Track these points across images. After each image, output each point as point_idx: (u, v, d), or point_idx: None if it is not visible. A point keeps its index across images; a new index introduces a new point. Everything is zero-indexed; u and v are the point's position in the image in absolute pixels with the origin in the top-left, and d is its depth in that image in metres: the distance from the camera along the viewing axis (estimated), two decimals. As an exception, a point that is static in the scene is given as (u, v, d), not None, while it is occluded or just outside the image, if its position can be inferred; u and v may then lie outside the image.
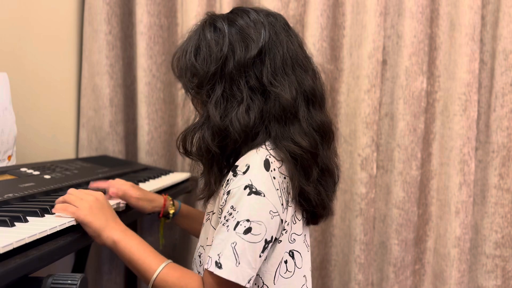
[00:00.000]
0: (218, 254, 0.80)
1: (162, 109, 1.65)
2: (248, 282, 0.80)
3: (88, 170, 1.29)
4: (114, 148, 1.65)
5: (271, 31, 0.89)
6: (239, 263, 0.79)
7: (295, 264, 0.90)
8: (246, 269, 0.79)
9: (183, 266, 0.89)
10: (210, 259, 0.81)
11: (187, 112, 1.59)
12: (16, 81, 1.27)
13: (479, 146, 1.60)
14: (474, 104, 1.53)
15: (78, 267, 1.45)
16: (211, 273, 0.80)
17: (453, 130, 1.54)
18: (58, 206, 0.85)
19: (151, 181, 1.32)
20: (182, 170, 1.66)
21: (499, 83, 1.55)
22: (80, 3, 1.64)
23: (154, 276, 0.84)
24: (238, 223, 0.80)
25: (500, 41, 1.53)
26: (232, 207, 0.81)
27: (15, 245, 0.66)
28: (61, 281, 0.70)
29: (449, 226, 1.56)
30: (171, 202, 1.17)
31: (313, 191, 0.87)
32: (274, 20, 0.91)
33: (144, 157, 1.63)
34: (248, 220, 0.80)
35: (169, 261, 0.87)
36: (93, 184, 1.07)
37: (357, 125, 1.56)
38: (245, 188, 0.81)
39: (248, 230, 0.80)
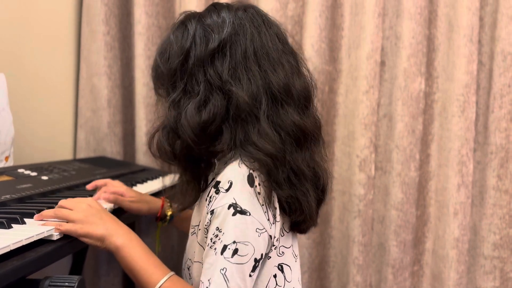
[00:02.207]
0: (209, 280, 0.77)
1: (160, 110, 1.65)
2: None
3: (86, 171, 1.29)
4: (112, 149, 1.64)
5: (235, 24, 0.83)
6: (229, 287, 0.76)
7: (285, 278, 0.87)
8: None
9: (181, 267, 0.88)
10: (202, 284, 0.78)
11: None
12: (13, 81, 1.27)
13: (477, 147, 1.60)
14: (473, 105, 1.53)
15: (75, 269, 1.44)
16: None
17: (451, 131, 1.55)
18: (50, 223, 0.79)
19: (149, 182, 1.32)
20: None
21: (497, 84, 1.55)
22: (78, 3, 1.64)
23: None
24: (225, 246, 0.76)
25: (499, 43, 1.54)
26: (217, 229, 0.78)
27: (12, 247, 0.65)
28: (58, 283, 0.70)
29: (448, 227, 1.56)
30: (169, 204, 1.16)
31: (287, 195, 0.81)
32: (243, 14, 0.85)
33: (142, 158, 1.63)
34: (234, 242, 0.76)
35: (172, 273, 0.84)
36: (92, 184, 1.06)
37: (355, 126, 1.56)
38: (229, 208, 0.77)
39: (235, 252, 0.76)
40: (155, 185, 1.29)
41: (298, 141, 0.83)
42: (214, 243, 0.78)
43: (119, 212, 1.04)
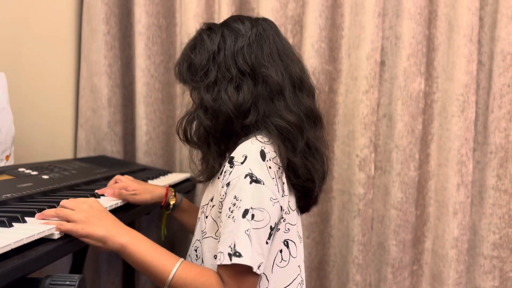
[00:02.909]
0: (230, 246, 0.81)
1: (160, 110, 1.65)
2: (259, 268, 0.81)
3: (86, 170, 1.29)
4: (112, 149, 1.65)
5: (259, 27, 0.98)
6: (252, 248, 0.80)
7: (290, 254, 0.92)
8: (256, 255, 0.81)
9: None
10: (221, 254, 0.81)
11: (185, 105, 1.60)
12: (14, 81, 1.27)
13: (477, 147, 1.60)
14: (472, 105, 1.53)
15: (76, 268, 1.44)
16: (226, 266, 0.81)
17: (451, 131, 1.55)
18: (51, 223, 0.80)
19: (149, 181, 1.32)
20: (181, 171, 1.66)
21: (497, 84, 1.55)
22: (79, 3, 1.64)
23: (171, 276, 0.83)
24: (246, 211, 0.82)
25: (498, 43, 1.54)
26: (235, 197, 0.84)
27: (13, 246, 0.65)
28: (59, 282, 0.70)
29: (447, 227, 1.56)
30: (173, 194, 1.20)
31: (300, 163, 0.92)
32: (264, 22, 1.00)
33: (142, 157, 1.63)
34: (252, 208, 0.82)
35: (182, 259, 0.86)
36: (99, 191, 1.08)
37: (355, 126, 1.57)
38: (245, 177, 0.84)
39: (252, 217, 0.82)
40: (155, 184, 1.29)
41: (312, 121, 0.97)
42: (232, 212, 0.83)
43: (128, 207, 1.08)
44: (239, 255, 0.80)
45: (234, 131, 0.94)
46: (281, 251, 0.90)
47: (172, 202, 1.18)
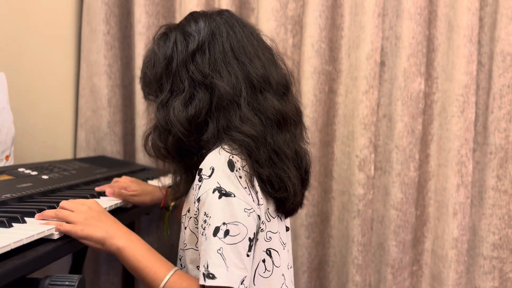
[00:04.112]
0: (204, 266, 0.79)
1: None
2: (242, 283, 0.79)
3: (86, 170, 1.29)
4: (112, 149, 1.65)
5: (212, 25, 0.91)
6: (228, 267, 0.78)
7: (273, 263, 0.89)
8: (235, 271, 0.78)
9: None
10: (201, 273, 0.80)
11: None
12: (14, 81, 1.27)
13: (476, 147, 1.60)
14: (472, 106, 1.53)
15: (75, 268, 1.44)
16: (207, 287, 0.79)
17: (451, 131, 1.55)
18: (50, 223, 0.81)
19: (149, 181, 1.32)
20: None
21: (497, 84, 1.55)
22: (79, 3, 1.64)
23: (162, 284, 0.82)
24: (216, 228, 0.79)
25: (498, 43, 1.54)
26: (205, 214, 0.81)
27: (13, 246, 0.66)
28: (58, 282, 0.70)
29: (447, 227, 1.56)
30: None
31: (269, 173, 0.86)
32: (218, 17, 0.93)
33: (142, 157, 1.63)
34: (224, 223, 0.79)
35: (176, 268, 0.85)
36: (97, 189, 1.08)
37: (355, 126, 1.57)
38: (213, 192, 0.80)
39: (226, 233, 0.79)
40: (154, 184, 1.29)
41: (278, 124, 0.90)
42: (204, 229, 0.80)
43: (127, 208, 1.09)
44: (213, 277, 0.78)
45: (191, 147, 0.90)
46: (263, 260, 0.87)
47: (172, 204, 1.17)
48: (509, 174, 1.56)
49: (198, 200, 0.83)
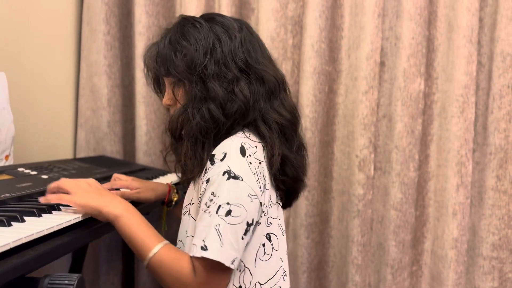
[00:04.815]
0: (203, 239, 0.83)
1: (160, 110, 1.65)
2: (232, 263, 0.83)
3: (86, 170, 1.29)
4: (112, 149, 1.65)
5: (245, 28, 0.99)
6: (223, 244, 0.82)
7: (272, 246, 0.94)
8: (229, 250, 0.83)
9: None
10: (195, 246, 0.84)
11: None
12: (14, 80, 1.27)
13: (476, 148, 1.60)
14: (472, 106, 1.53)
15: (75, 268, 1.45)
16: (198, 258, 0.83)
17: (450, 131, 1.55)
18: (52, 197, 0.87)
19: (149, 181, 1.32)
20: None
21: (496, 85, 1.55)
22: (79, 3, 1.64)
23: (151, 254, 0.86)
24: (219, 206, 0.84)
25: (498, 43, 1.54)
26: (212, 193, 0.85)
27: (12, 245, 0.66)
28: (58, 281, 0.70)
29: (447, 227, 1.56)
30: (175, 191, 1.21)
31: (293, 159, 0.96)
32: (246, 24, 1.02)
33: (142, 157, 1.63)
34: (228, 203, 0.84)
35: (167, 242, 0.89)
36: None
37: (355, 127, 1.57)
38: (223, 174, 0.85)
39: (228, 213, 0.83)
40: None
41: (298, 120, 1.01)
42: (208, 207, 0.85)
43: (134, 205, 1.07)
44: (206, 249, 0.82)
45: (236, 127, 0.94)
46: (263, 245, 0.92)
47: (174, 199, 1.20)
48: (509, 175, 1.56)
49: (207, 180, 0.87)
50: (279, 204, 0.99)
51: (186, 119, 0.94)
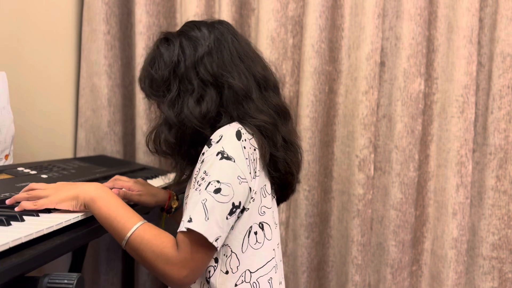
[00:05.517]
0: (189, 215, 0.83)
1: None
2: (216, 241, 0.83)
3: (86, 169, 1.29)
4: (112, 148, 1.65)
5: (216, 33, 0.99)
6: (208, 218, 0.83)
7: (265, 236, 0.94)
8: (214, 226, 0.83)
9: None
10: (182, 222, 0.84)
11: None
12: (14, 80, 1.27)
13: (476, 148, 1.60)
14: (472, 106, 1.53)
15: (75, 267, 1.45)
16: (183, 232, 0.83)
17: (450, 132, 1.55)
18: (25, 204, 0.84)
19: (149, 181, 1.32)
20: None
21: (496, 85, 1.55)
22: (79, 2, 1.64)
23: (130, 233, 0.85)
24: (209, 183, 0.85)
25: (498, 44, 1.54)
26: (204, 172, 0.87)
27: (11, 245, 0.66)
28: (57, 281, 0.70)
29: (447, 227, 1.56)
30: (175, 197, 1.21)
31: (282, 157, 0.96)
32: (220, 25, 1.02)
33: (142, 157, 1.63)
34: (218, 181, 0.85)
35: (145, 221, 0.88)
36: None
37: (355, 127, 1.57)
38: (217, 154, 0.87)
39: (218, 190, 0.84)
40: (154, 183, 1.29)
41: (282, 117, 1.01)
42: (200, 185, 0.86)
43: (132, 205, 1.07)
44: (191, 221, 0.82)
45: (203, 137, 0.95)
46: (255, 233, 0.93)
47: (174, 206, 1.20)
48: (509, 175, 1.56)
49: (203, 161, 0.89)
50: (274, 197, 1.00)
51: (155, 137, 0.99)
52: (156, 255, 0.84)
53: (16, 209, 0.84)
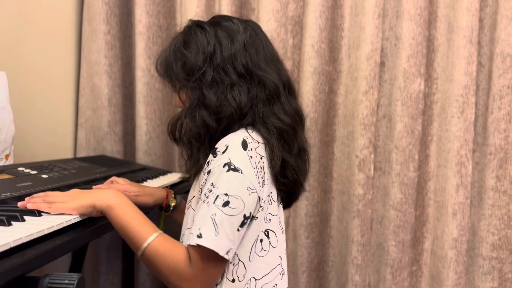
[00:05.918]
0: (199, 228, 0.84)
1: (160, 109, 1.65)
2: (227, 254, 0.84)
3: (86, 170, 1.29)
4: (112, 148, 1.65)
5: (250, 30, 1.00)
6: (218, 233, 0.83)
7: (270, 243, 0.94)
8: (224, 240, 0.83)
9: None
10: (191, 235, 0.84)
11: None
12: (14, 80, 1.27)
13: (476, 148, 1.60)
14: (472, 106, 1.54)
15: (75, 267, 1.45)
16: (193, 246, 0.83)
17: (450, 132, 1.55)
18: (40, 205, 0.86)
19: (149, 181, 1.32)
20: (180, 171, 1.66)
21: (496, 85, 1.55)
22: (79, 2, 1.64)
23: (145, 244, 0.85)
24: (217, 197, 0.85)
25: (498, 44, 1.54)
26: (212, 184, 0.87)
27: (12, 245, 0.66)
28: (58, 281, 0.70)
29: (446, 227, 1.56)
30: (173, 196, 1.21)
31: (293, 163, 0.96)
32: (253, 25, 1.03)
33: (142, 157, 1.63)
34: (226, 194, 0.85)
35: (161, 231, 0.89)
36: (95, 187, 1.08)
37: (355, 127, 1.57)
38: (224, 166, 0.87)
39: (226, 204, 0.84)
40: (154, 184, 1.29)
41: (301, 123, 1.01)
42: (207, 197, 0.86)
43: None
44: (201, 237, 0.83)
45: (231, 130, 0.95)
46: (261, 240, 0.92)
47: (172, 204, 1.20)
48: (509, 175, 1.56)
49: (209, 172, 0.89)
50: (280, 203, 0.99)
51: (181, 124, 0.98)
52: (170, 269, 0.85)
53: (29, 206, 0.84)
